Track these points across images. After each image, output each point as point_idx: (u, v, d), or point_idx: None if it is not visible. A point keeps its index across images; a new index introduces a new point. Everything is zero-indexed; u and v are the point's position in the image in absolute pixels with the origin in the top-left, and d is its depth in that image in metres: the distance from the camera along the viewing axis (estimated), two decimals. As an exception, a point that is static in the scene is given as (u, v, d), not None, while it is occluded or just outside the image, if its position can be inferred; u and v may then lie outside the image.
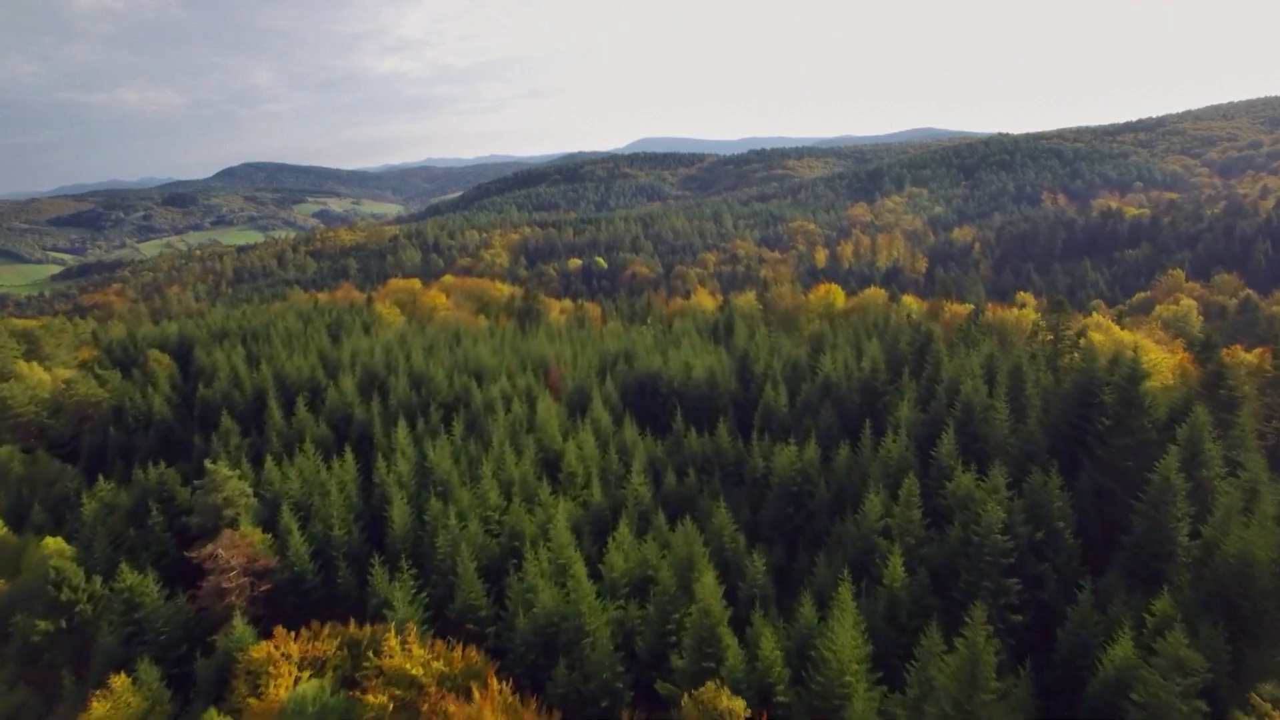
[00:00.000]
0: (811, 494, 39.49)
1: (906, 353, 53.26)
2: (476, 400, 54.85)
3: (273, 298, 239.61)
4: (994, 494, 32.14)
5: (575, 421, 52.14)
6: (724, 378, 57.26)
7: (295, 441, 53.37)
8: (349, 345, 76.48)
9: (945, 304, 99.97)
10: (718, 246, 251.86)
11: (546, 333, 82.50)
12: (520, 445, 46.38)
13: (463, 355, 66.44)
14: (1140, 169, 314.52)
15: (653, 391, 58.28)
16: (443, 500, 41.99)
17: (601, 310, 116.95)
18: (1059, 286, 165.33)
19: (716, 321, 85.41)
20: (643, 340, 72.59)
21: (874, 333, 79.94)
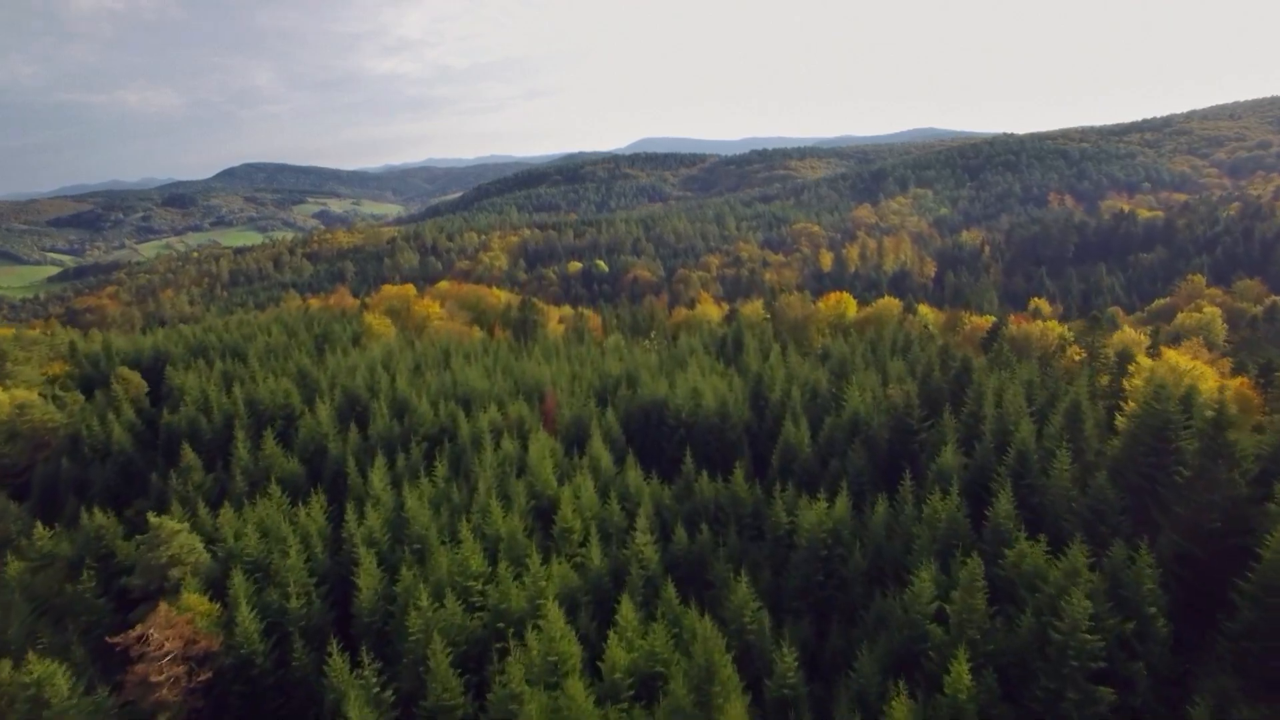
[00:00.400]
0: (844, 558, 33.87)
1: (941, 381, 47.55)
2: (463, 433, 49.23)
3: (268, 301, 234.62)
4: (1074, 577, 26.48)
5: (572, 459, 46.52)
6: (736, 407, 51.63)
7: (263, 480, 47.83)
8: (332, 363, 70.91)
9: (964, 316, 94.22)
10: (720, 249, 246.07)
11: (543, 349, 76.83)
12: (509, 491, 40.75)
13: (451, 378, 60.77)
14: (1148, 169, 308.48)
15: (658, 422, 52.64)
16: (419, 562, 36.41)
17: (602, 319, 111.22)
18: (1073, 292, 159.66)
19: (724, 336, 79.69)
20: (646, 360, 66.92)
21: (897, 351, 74.39)
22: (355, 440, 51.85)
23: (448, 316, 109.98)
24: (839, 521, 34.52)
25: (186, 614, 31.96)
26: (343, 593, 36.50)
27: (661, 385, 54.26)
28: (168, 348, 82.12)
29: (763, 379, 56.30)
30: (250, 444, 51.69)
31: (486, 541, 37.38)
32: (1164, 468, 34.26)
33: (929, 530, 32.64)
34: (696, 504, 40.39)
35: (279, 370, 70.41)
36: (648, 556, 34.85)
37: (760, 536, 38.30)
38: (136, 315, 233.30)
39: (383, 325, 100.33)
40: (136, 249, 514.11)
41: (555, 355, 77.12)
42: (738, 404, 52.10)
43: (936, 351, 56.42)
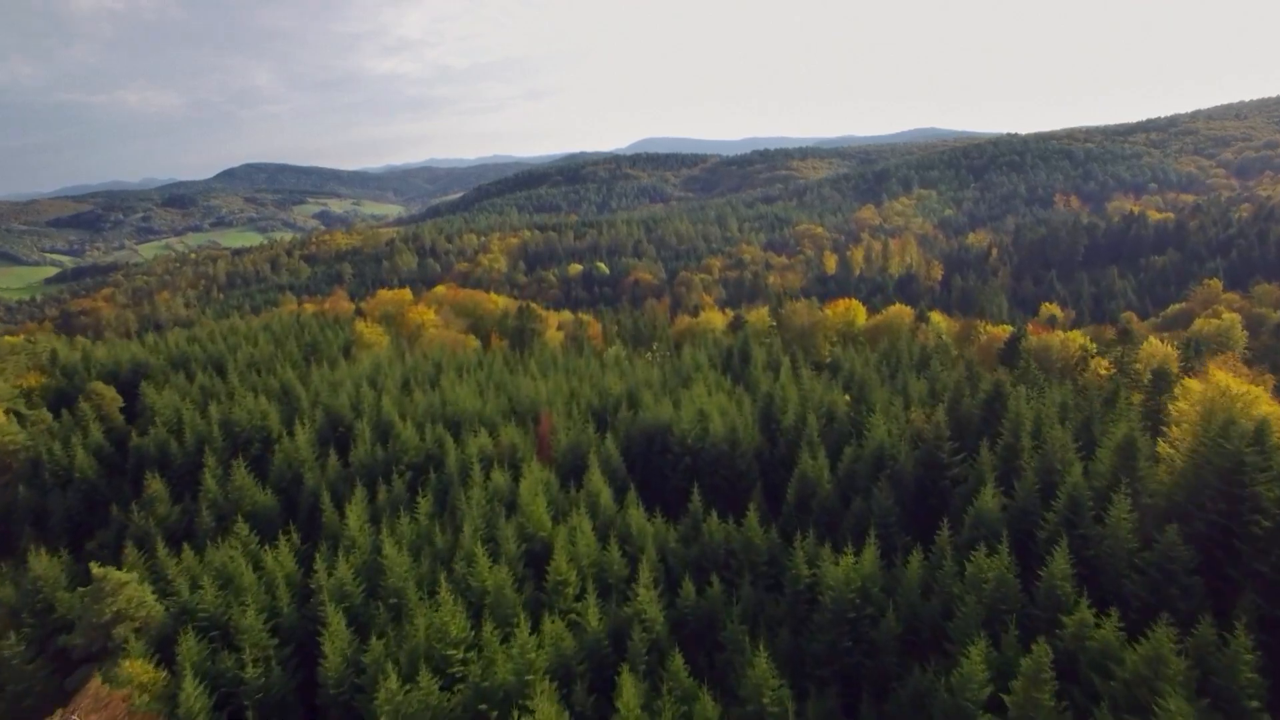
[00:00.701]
0: (874, 620, 29.66)
1: (971, 407, 43.23)
2: (451, 462, 45.02)
3: (265, 304, 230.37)
4: (1159, 665, 22.24)
5: (569, 492, 42.30)
6: (746, 431, 47.39)
7: (232, 514, 43.65)
8: (317, 378, 66.76)
9: (979, 325, 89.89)
10: (722, 251, 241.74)
11: (539, 361, 72.61)
12: (498, 534, 36.52)
13: (440, 397, 56.54)
14: (1154, 170, 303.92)
15: (662, 448, 48.41)
16: (394, 620, 32.24)
17: (603, 326, 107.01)
18: (1084, 296, 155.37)
19: (730, 348, 75.41)
20: (648, 375, 62.67)
21: (912, 365, 70.16)
22: (335, 468, 47.68)
23: (443, 324, 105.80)
24: (868, 578, 30.29)
25: (124, 689, 27.77)
26: (310, 652, 32.35)
27: (665, 407, 50.01)
28: (147, 359, 77.94)
29: (774, 400, 52.06)
30: (222, 472, 47.53)
31: (471, 595, 33.20)
32: (1237, 516, 30.02)
33: (974, 592, 28.40)
34: (705, 549, 36.14)
35: (261, 386, 66.32)
36: (651, 617, 30.64)
37: (778, 588, 34.09)
38: (131, 318, 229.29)
39: (375, 334, 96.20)
40: (136, 250, 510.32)
41: (553, 367, 72.93)
42: (748, 429, 47.87)
43: (963, 373, 51.98)
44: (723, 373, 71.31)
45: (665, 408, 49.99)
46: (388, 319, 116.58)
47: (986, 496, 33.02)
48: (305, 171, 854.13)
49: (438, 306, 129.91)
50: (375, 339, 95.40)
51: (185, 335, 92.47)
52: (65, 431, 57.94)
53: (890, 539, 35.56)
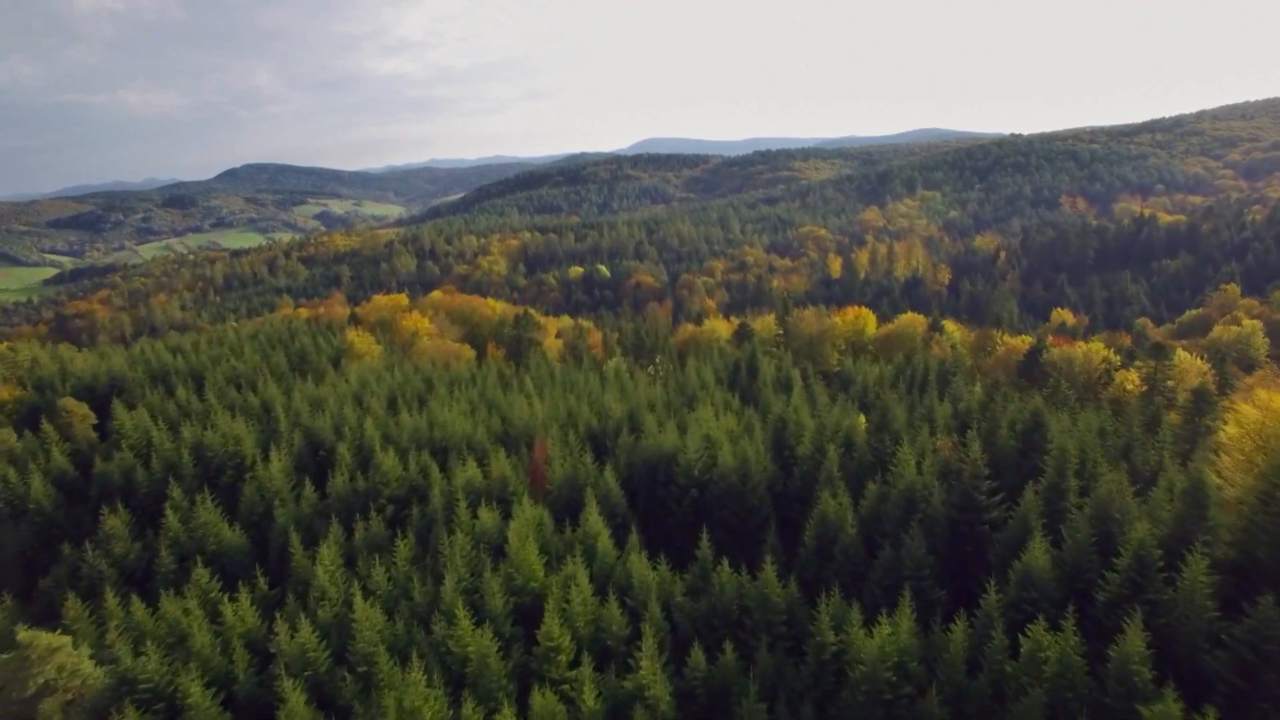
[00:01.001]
0: (912, 700, 25.57)
1: (1007, 440, 39.00)
2: (435, 497, 40.92)
3: (261, 307, 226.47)
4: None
5: (564, 532, 38.19)
6: (758, 461, 43.24)
7: (195, 553, 39.62)
8: (300, 396, 62.73)
9: (995, 336, 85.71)
10: (725, 253, 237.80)
11: (536, 377, 68.50)
12: (484, 586, 32.41)
13: (428, 419, 52.45)
14: (1161, 171, 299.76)
15: (666, 479, 44.30)
16: (363, 692, 28.16)
17: (603, 336, 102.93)
18: (1096, 301, 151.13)
19: (737, 361, 71.29)
20: (651, 393, 58.55)
21: (929, 381, 66.01)
22: (310, 501, 43.57)
23: (437, 332, 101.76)
24: (905, 650, 26.18)
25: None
26: (267, 727, 28.29)
27: (669, 433, 45.88)
28: (125, 372, 73.93)
29: (786, 425, 47.92)
30: (189, 504, 43.43)
31: (451, 662, 29.11)
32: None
33: (1031, 673, 24.28)
34: (716, 604, 32.03)
35: (240, 403, 62.26)
36: (656, 695, 26.52)
37: (799, 651, 29.98)
38: (126, 322, 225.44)
39: (366, 344, 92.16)
40: (136, 250, 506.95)
41: (550, 382, 68.82)
42: (759, 458, 43.71)
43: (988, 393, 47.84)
44: (730, 389, 67.22)
45: (669, 434, 45.87)
46: (382, 326, 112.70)
47: (1036, 551, 28.86)
48: (306, 172, 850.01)
49: (433, 312, 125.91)
50: (366, 349, 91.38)
51: (169, 345, 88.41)
52: (26, 454, 53.94)
53: (924, 593, 31.44)
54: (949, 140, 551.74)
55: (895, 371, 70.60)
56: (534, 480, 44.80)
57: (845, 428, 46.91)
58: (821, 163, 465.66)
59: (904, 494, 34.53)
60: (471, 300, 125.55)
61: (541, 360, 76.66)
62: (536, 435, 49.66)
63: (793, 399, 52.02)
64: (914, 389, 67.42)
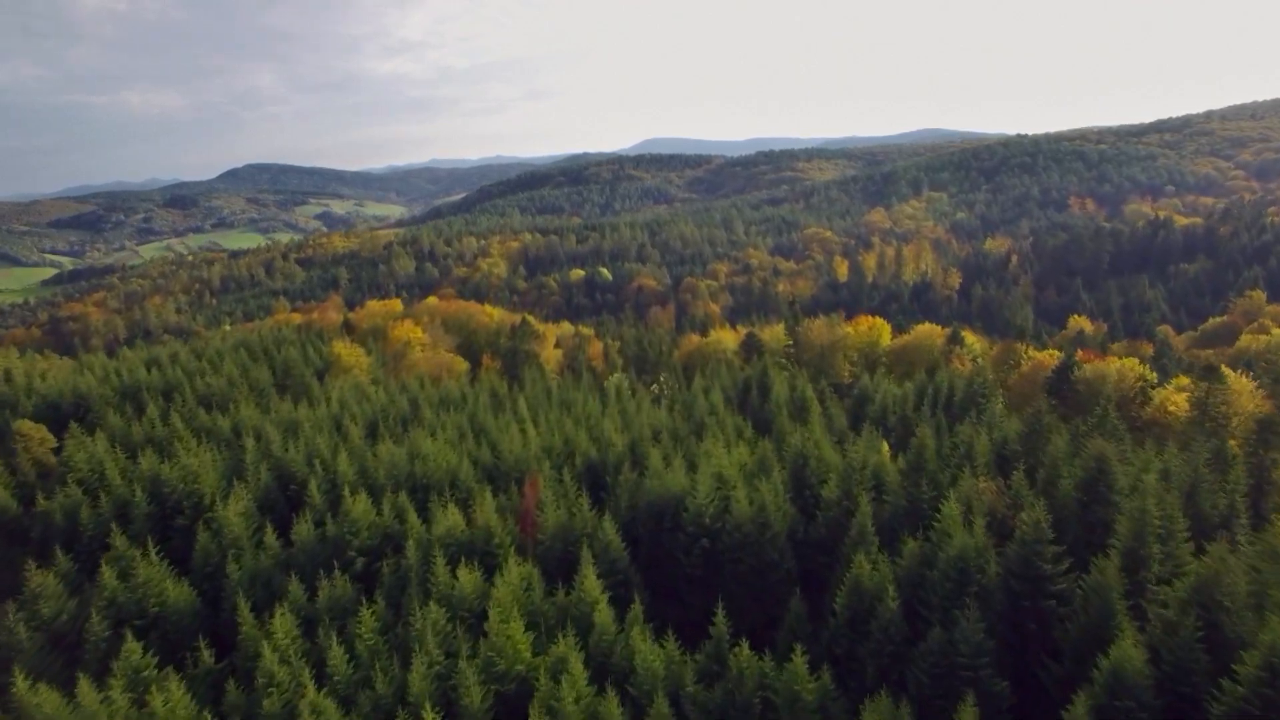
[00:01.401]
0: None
1: (1070, 492, 33.53)
2: (411, 551, 35.64)
3: (258, 310, 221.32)
4: None
5: (556, 596, 32.93)
6: (777, 506, 37.96)
7: (132, 620, 34.38)
8: (276, 418, 57.64)
9: (1020, 349, 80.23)
10: (729, 256, 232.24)
11: (531, 397, 63.29)
12: (459, 678, 27.13)
13: (409, 451, 47.17)
14: (1171, 172, 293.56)
15: (673, 526, 39.05)
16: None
17: (604, 345, 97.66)
18: (1113, 307, 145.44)
19: (747, 380, 66.00)
20: (654, 420, 53.25)
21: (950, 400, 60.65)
22: (272, 551, 38.32)
23: (431, 343, 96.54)
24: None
25: None
26: None
27: (676, 473, 40.55)
28: (92, 389, 68.82)
29: (807, 461, 42.64)
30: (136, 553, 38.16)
31: (415, 778, 23.89)
32: None
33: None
34: (734, 696, 26.76)
35: (209, 426, 57.14)
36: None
37: (835, 763, 24.73)
38: (120, 325, 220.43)
39: (354, 356, 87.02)
40: (137, 251, 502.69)
41: (547, 402, 63.60)
42: (778, 502, 38.42)
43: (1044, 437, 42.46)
44: (740, 410, 61.97)
45: (676, 473, 40.55)
46: (375, 334, 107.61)
47: (1126, 645, 23.51)
48: (308, 172, 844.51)
49: (429, 319, 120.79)
50: (354, 361, 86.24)
51: (145, 357, 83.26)
52: (-31, 488, 48.79)
53: (983, 683, 26.14)
54: (953, 140, 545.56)
55: (918, 391, 65.20)
56: (524, 526, 39.55)
57: (873, 464, 41.55)
58: (825, 163, 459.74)
59: (955, 561, 29.13)
60: (468, 307, 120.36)
61: (538, 376, 71.39)
62: (529, 472, 44.41)
63: (812, 429, 46.69)
64: (937, 408, 62.11)
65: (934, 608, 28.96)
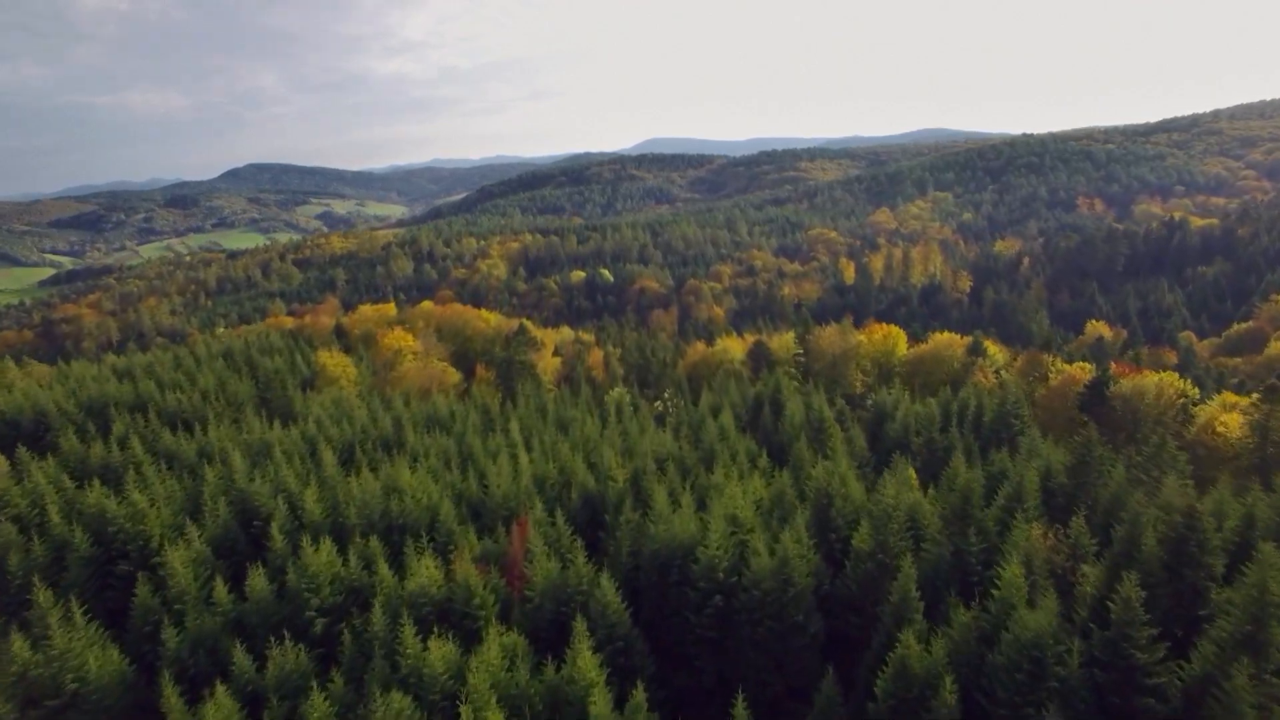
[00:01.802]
0: None
1: (1158, 557, 28.12)
2: (377, 616, 30.41)
3: (253, 312, 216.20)
4: None
5: (544, 673, 27.71)
6: (801, 558, 32.71)
7: (52, 693, 29.25)
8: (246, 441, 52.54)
9: (1047, 360, 74.89)
10: (732, 257, 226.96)
11: (525, 416, 58.09)
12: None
13: (386, 484, 41.95)
14: (1180, 172, 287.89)
15: (681, 579, 33.84)
16: None
17: (604, 355, 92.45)
18: (1130, 312, 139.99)
19: (759, 398, 60.77)
20: (658, 446, 47.97)
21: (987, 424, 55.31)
22: (223, 608, 33.15)
23: (423, 351, 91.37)
24: None
25: None
26: None
27: (685, 517, 35.32)
28: (54, 405, 63.61)
29: (832, 501, 37.41)
30: (57, 613, 33.02)
31: None
32: None
33: None
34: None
35: (173, 450, 52.02)
36: None
37: None
38: (113, 327, 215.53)
39: (340, 365, 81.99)
40: (137, 251, 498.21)
41: (542, 421, 58.46)
42: (802, 552, 33.16)
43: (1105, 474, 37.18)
44: (751, 432, 56.73)
45: (685, 517, 35.31)
46: (367, 340, 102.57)
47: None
48: (309, 172, 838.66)
49: (424, 323, 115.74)
50: (341, 371, 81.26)
51: (118, 367, 78.15)
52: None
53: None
54: (955, 140, 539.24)
55: (943, 410, 59.86)
56: (510, 578, 34.36)
57: (906, 505, 36.21)
58: (828, 163, 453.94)
59: (1027, 647, 23.80)
60: (464, 313, 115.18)
61: (533, 391, 66.18)
62: (518, 512, 39.24)
63: (835, 461, 41.35)
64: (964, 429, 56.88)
65: (1001, 703, 23.68)
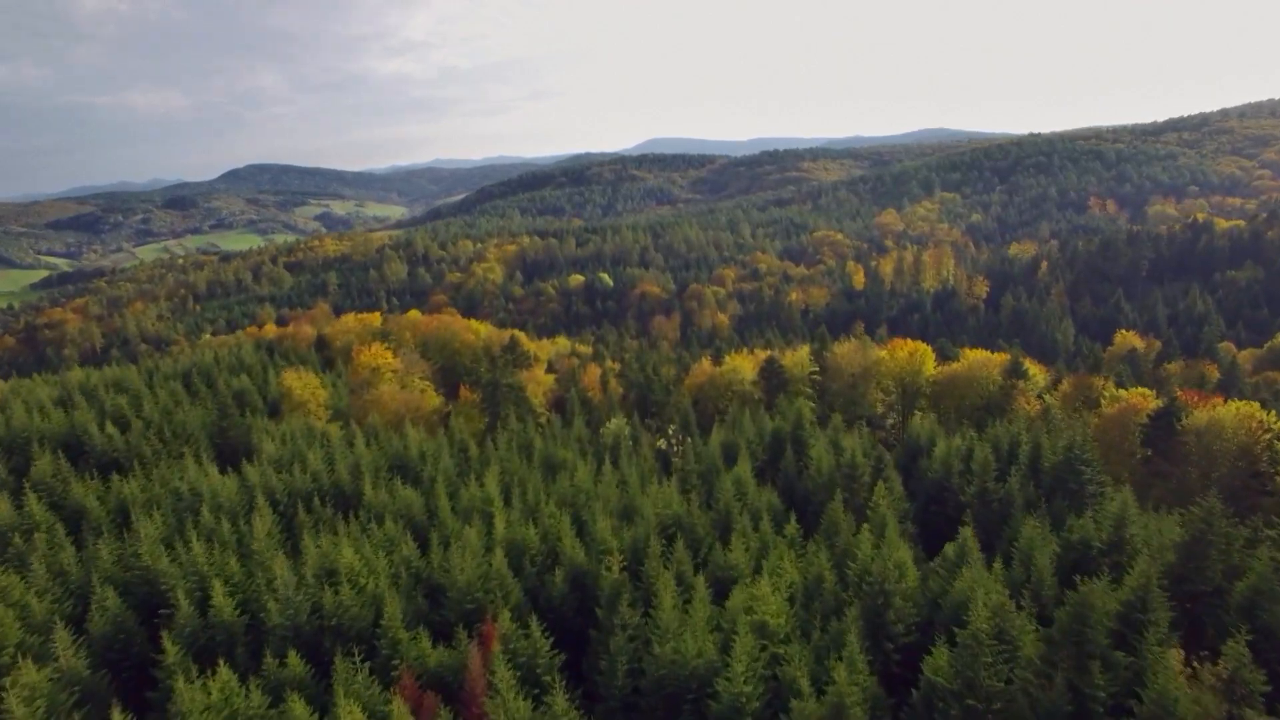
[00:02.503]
0: None
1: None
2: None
3: (242, 317, 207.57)
4: None
5: None
6: (853, 683, 23.90)
7: None
8: (169, 495, 43.81)
9: (1098, 384, 65.90)
10: (735, 260, 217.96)
11: (505, 458, 49.26)
12: None
13: (318, 570, 33.11)
14: (1193, 172, 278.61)
15: (695, 712, 25.10)
16: None
17: (602, 374, 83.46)
18: (1159, 320, 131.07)
19: (778, 439, 51.88)
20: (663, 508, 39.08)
21: (1058, 479, 46.35)
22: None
23: (404, 369, 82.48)
24: None
25: None
26: None
27: (699, 632, 26.50)
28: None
29: (889, 602, 28.58)
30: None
31: None
32: None
33: None
34: None
35: (78, 508, 43.28)
36: None
37: None
38: (97, 333, 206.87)
39: (308, 389, 73.13)
40: (134, 252, 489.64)
41: (527, 462, 49.69)
42: (856, 678, 24.35)
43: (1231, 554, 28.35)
44: (771, 481, 47.90)
45: (698, 630, 26.49)
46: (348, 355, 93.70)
47: None
48: (309, 173, 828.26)
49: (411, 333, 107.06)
50: (308, 395, 72.41)
51: (55, 393, 69.37)
52: None
53: None
54: (958, 140, 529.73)
55: (993, 450, 50.88)
56: (467, 714, 25.56)
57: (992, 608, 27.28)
58: (831, 163, 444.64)
59: None
60: (452, 324, 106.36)
61: (519, 429, 57.26)
62: (485, 607, 30.44)
63: (888, 547, 32.34)
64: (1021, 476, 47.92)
65: None
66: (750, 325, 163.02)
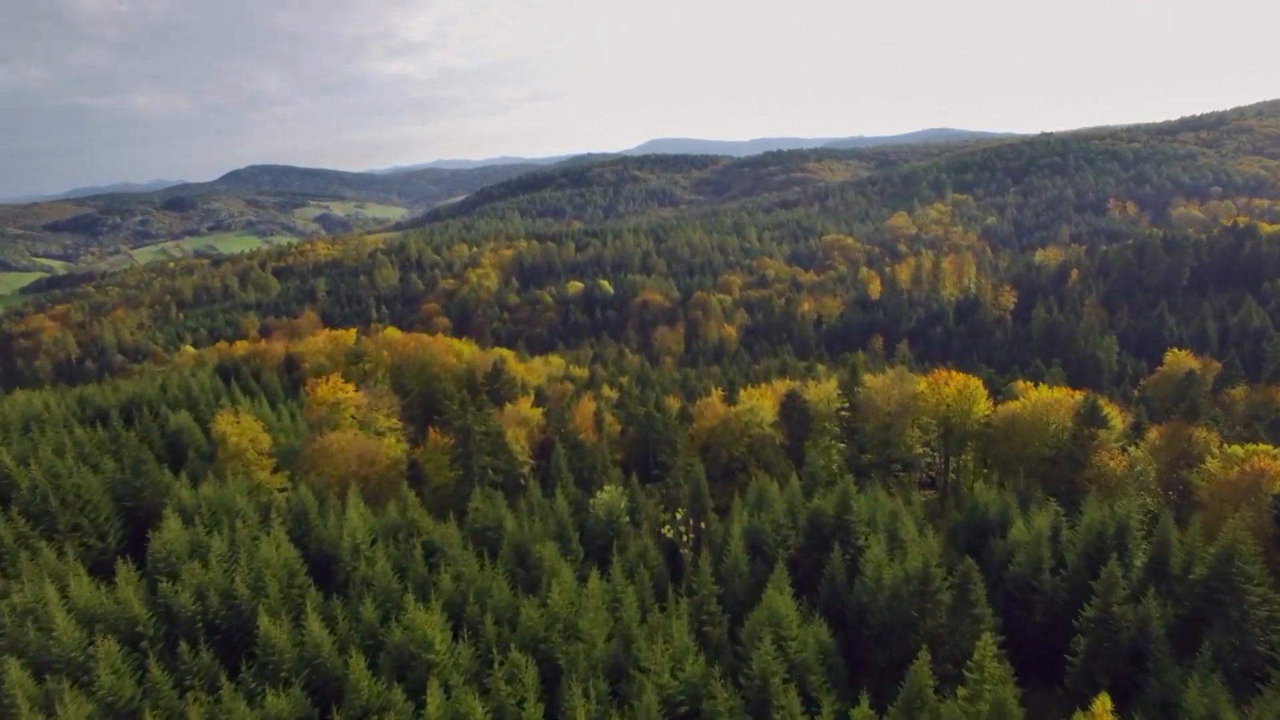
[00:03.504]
0: None
1: None
2: None
3: (225, 325, 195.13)
4: None
5: None
6: None
7: None
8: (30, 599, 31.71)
9: (1201, 437, 53.34)
10: (742, 265, 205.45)
11: (475, 532, 36.94)
12: None
13: None
14: (1215, 172, 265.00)
15: None
16: None
17: (596, 410, 70.94)
18: (1209, 335, 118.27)
19: (819, 527, 39.47)
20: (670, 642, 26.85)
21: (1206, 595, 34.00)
22: None
23: (367, 405, 70.09)
24: None
25: None
26: None
27: None
28: None
29: None
30: None
31: None
32: None
33: None
34: None
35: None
36: None
37: None
38: (72, 343, 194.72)
39: (246, 436, 60.73)
40: (131, 254, 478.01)
41: (492, 571, 37.43)
42: None
43: None
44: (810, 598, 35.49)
45: None
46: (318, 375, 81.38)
47: None
48: (310, 173, 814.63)
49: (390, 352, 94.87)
50: (246, 443, 60.07)
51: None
52: None
53: None
54: (964, 140, 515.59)
55: (1094, 537, 38.52)
56: None
57: None
58: (836, 163, 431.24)
59: None
60: (431, 345, 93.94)
61: (487, 505, 44.84)
62: None
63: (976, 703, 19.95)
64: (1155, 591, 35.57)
65: None
66: (759, 338, 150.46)
